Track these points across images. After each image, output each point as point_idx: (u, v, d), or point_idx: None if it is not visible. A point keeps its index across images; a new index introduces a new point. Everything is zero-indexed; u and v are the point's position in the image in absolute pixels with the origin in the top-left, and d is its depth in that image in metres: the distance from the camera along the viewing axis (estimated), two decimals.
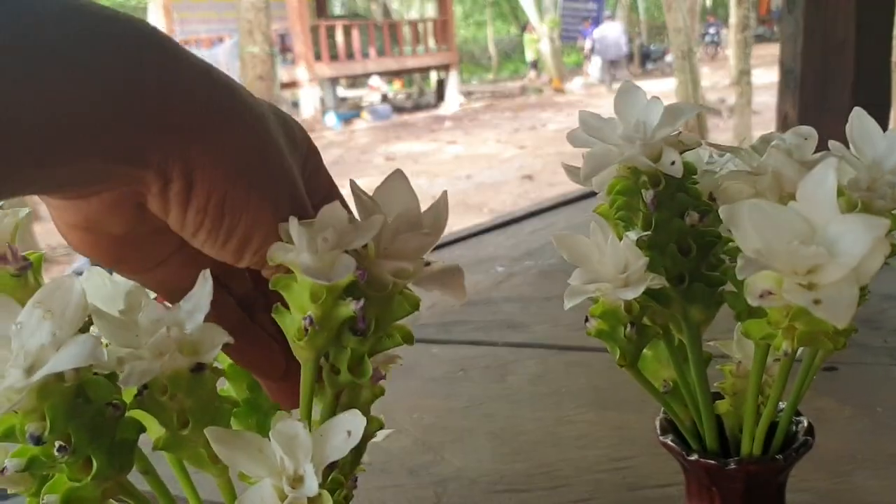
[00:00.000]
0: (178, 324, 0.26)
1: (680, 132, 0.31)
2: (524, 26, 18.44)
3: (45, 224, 6.83)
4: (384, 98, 15.20)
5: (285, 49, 11.45)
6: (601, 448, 0.73)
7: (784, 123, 1.59)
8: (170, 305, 0.26)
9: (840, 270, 0.22)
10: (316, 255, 0.25)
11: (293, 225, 0.25)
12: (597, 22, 16.04)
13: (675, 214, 0.31)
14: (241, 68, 7.98)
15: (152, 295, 0.29)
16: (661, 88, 13.98)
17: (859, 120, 0.31)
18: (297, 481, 0.25)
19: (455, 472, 0.71)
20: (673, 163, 0.29)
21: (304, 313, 0.26)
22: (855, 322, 0.36)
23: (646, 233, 0.31)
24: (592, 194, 1.21)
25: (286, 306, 0.27)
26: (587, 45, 15.91)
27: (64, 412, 0.24)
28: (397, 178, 0.29)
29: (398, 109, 14.13)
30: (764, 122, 8.17)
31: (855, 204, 0.30)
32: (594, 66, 15.75)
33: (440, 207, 0.28)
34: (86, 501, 0.26)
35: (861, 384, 0.79)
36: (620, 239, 0.32)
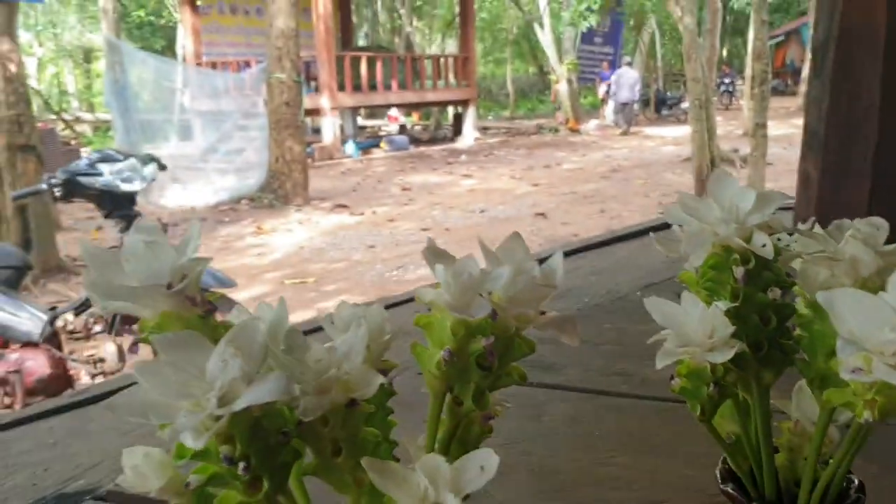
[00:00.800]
0: (337, 364, 0.30)
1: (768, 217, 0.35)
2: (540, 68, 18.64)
3: (66, 234, 6.91)
4: (402, 129, 15.36)
5: (310, 77, 11.60)
6: (636, 490, 0.76)
7: (805, 183, 1.63)
8: None
9: None
10: (456, 294, 0.29)
11: (439, 269, 0.29)
12: (614, 65, 16.22)
13: (759, 289, 0.35)
14: (268, 93, 8.09)
15: None
16: (675, 134, 14.09)
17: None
18: None
19: None
20: (764, 245, 0.33)
21: (442, 347, 0.30)
22: None
23: (733, 304, 0.35)
24: (614, 240, 1.26)
25: None
26: (603, 87, 16.07)
27: (248, 437, 0.28)
28: (516, 239, 0.33)
29: (415, 141, 14.27)
30: (776, 173, 8.23)
31: None
32: (610, 108, 15.89)
33: (555, 265, 0.32)
34: None
35: (887, 442, 0.82)
36: (706, 305, 0.36)
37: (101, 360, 2.84)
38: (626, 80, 15.03)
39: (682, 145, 11.68)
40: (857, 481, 0.43)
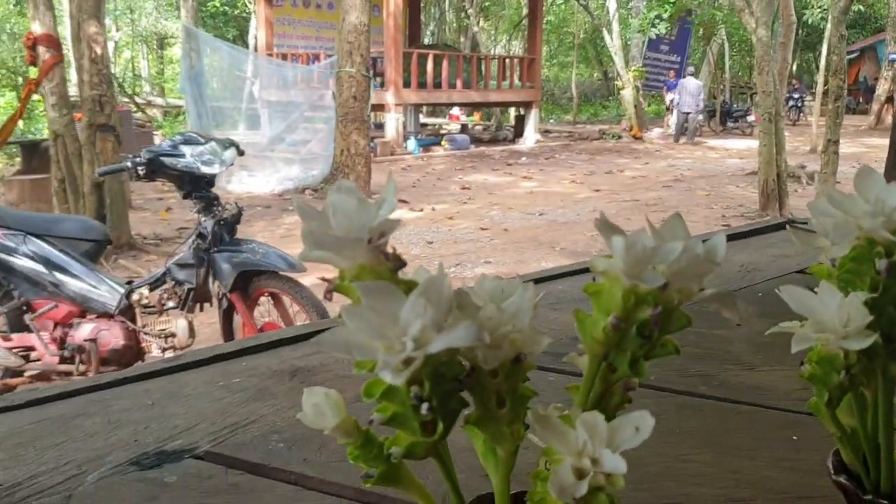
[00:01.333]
0: (508, 322, 0.33)
1: None
2: (605, 73, 18.48)
3: (136, 213, 7.13)
4: (463, 128, 15.41)
5: (376, 73, 11.74)
6: (718, 488, 0.77)
7: None
8: None
9: None
10: (630, 264, 0.31)
11: (615, 240, 0.31)
12: (680, 74, 16.01)
13: None
14: (337, 87, 8.21)
15: None
16: (740, 147, 13.84)
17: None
18: (594, 462, 0.31)
19: None
20: None
21: (608, 314, 0.32)
22: None
23: (873, 295, 0.37)
24: None
25: None
26: (669, 96, 15.89)
27: (433, 381, 0.30)
28: (677, 219, 0.35)
29: (475, 140, 14.31)
30: (845, 192, 8.02)
31: None
32: (674, 117, 15.71)
33: (718, 243, 0.34)
34: (416, 456, 0.33)
35: None
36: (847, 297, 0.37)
37: (172, 335, 2.94)
38: (690, 90, 14.88)
39: (747, 158, 11.47)
40: None
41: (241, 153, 3.13)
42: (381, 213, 0.32)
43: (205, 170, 2.90)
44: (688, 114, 15.00)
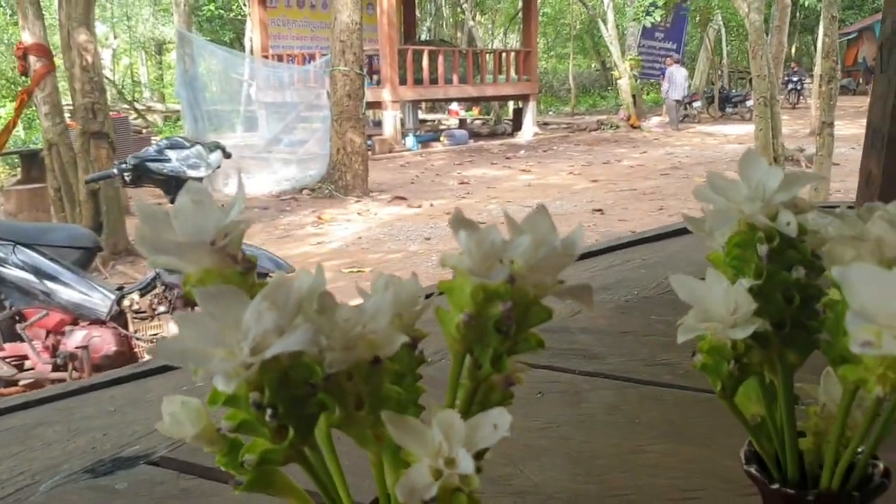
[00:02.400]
0: (364, 324, 0.32)
1: (796, 196, 0.35)
2: (602, 64, 18.44)
3: (134, 219, 7.12)
4: (462, 123, 15.39)
5: (372, 71, 11.72)
6: (672, 478, 0.76)
7: (867, 181, 1.59)
8: None
9: None
10: (477, 260, 0.30)
11: (462, 236, 0.30)
12: (679, 62, 15.95)
13: (783, 268, 0.35)
14: (332, 85, 8.21)
15: None
16: (739, 132, 13.80)
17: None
18: (450, 463, 0.30)
19: (533, 486, 0.75)
20: (788, 223, 0.34)
21: (462, 311, 0.31)
22: None
23: (757, 282, 0.35)
24: (666, 235, 1.25)
25: None
26: (665, 84, 15.87)
27: (276, 386, 0.29)
28: (541, 212, 0.34)
29: (475, 135, 14.28)
30: (843, 173, 7.99)
31: None
32: (679, 106, 15.68)
33: (575, 236, 0.33)
34: (273, 462, 0.32)
35: None
36: (732, 284, 0.36)
37: (164, 339, 2.94)
38: (678, 78, 14.91)
39: (746, 143, 11.42)
40: (882, 466, 0.43)
41: (227, 156, 3.12)
42: (229, 214, 0.31)
43: (191, 173, 2.89)
44: (677, 101, 15.03)
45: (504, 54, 14.77)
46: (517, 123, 14.67)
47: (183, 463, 0.85)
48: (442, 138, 13.33)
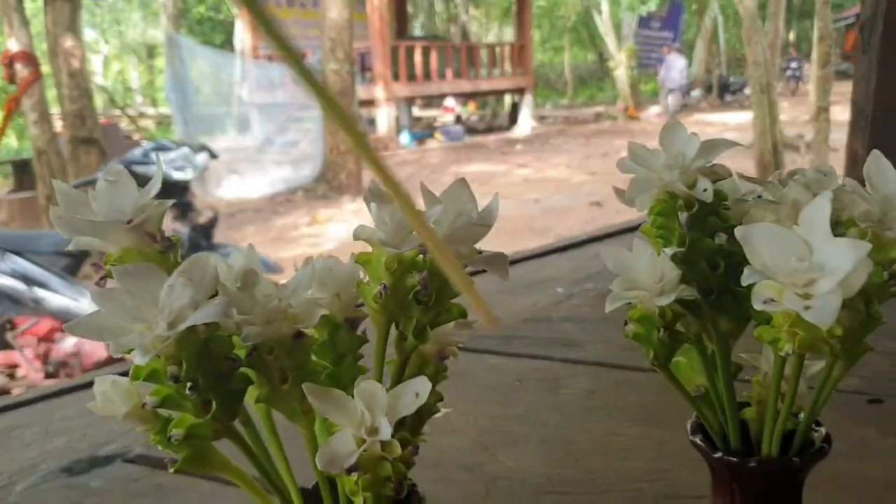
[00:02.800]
0: (283, 298, 0.32)
1: (713, 164, 0.35)
2: (599, 55, 18.44)
3: None
4: (458, 119, 15.38)
5: (365, 68, 11.71)
6: (644, 460, 0.76)
7: (853, 161, 1.60)
8: None
9: (829, 284, 0.27)
10: (389, 231, 0.31)
11: (374, 208, 0.31)
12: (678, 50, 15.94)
13: (706, 235, 0.36)
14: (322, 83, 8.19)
15: None
16: (738, 121, 13.78)
17: (876, 161, 0.36)
18: (373, 432, 0.31)
19: (506, 471, 0.76)
20: (705, 190, 0.34)
21: (379, 283, 0.32)
22: (869, 343, 0.41)
23: (679, 249, 0.36)
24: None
25: None
26: (661, 73, 15.87)
27: (195, 360, 0.30)
28: (460, 184, 0.35)
29: (471, 131, 14.27)
30: (840, 158, 7.97)
31: (865, 233, 0.35)
32: (676, 95, 15.66)
33: (492, 206, 0.33)
34: (201, 438, 0.32)
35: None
36: (660, 254, 0.37)
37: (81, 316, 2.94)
38: (675, 68, 14.92)
39: (745, 132, 11.41)
40: (824, 431, 0.43)
41: (214, 157, 3.13)
42: (147, 193, 0.32)
43: (177, 176, 2.90)
44: (672, 90, 15.03)
45: (498, 48, 14.75)
46: (514, 117, 14.66)
47: (157, 459, 0.86)
48: (437, 135, 13.32)
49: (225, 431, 0.33)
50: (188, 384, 0.30)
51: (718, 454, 0.43)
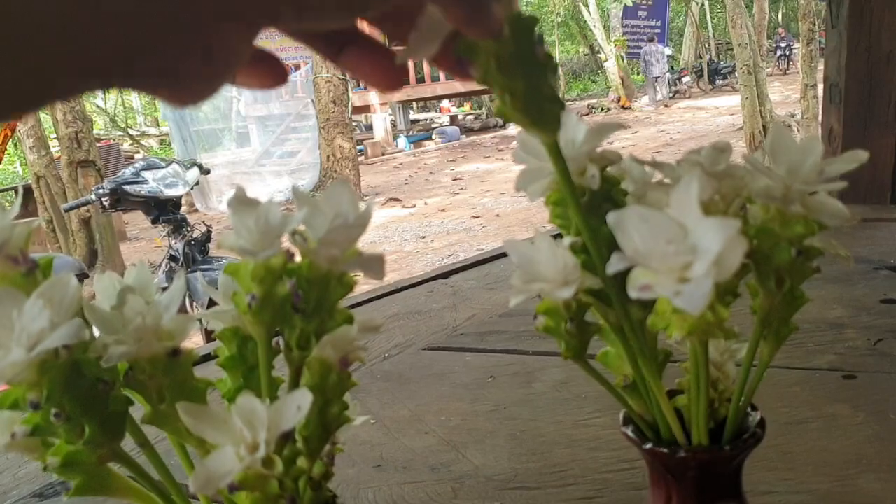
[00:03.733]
0: (155, 315, 0.31)
1: (604, 149, 0.34)
2: (590, 48, 18.39)
3: (130, 244, 7.15)
4: (453, 120, 15.37)
5: None
6: (611, 450, 0.75)
7: (830, 137, 1.58)
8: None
9: (702, 266, 0.26)
10: (255, 238, 0.29)
11: (235, 216, 0.30)
12: (662, 39, 15.90)
13: (602, 222, 0.35)
14: (316, 93, 8.21)
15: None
16: (730, 104, 13.73)
17: (777, 132, 0.35)
18: (255, 449, 0.30)
19: (473, 469, 0.74)
20: (592, 176, 0.33)
21: (248, 293, 0.31)
22: (795, 323, 0.39)
23: (576, 238, 0.35)
24: None
25: None
26: (642, 64, 15.85)
27: (60, 385, 0.29)
28: (340, 185, 0.33)
29: (467, 130, 14.26)
30: None
31: (767, 210, 0.34)
32: (662, 82, 15.61)
33: (368, 207, 0.32)
34: (83, 465, 0.31)
35: (878, 392, 0.79)
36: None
37: None
38: (656, 55, 14.92)
39: (737, 114, 11.38)
40: (758, 416, 0.42)
41: (205, 172, 3.12)
42: (6, 218, 0.31)
43: (168, 192, 2.89)
44: (657, 78, 15.03)
45: None
46: None
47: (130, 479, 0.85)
48: (434, 136, 13.32)
49: (111, 455, 0.32)
50: (52, 411, 0.29)
51: (649, 445, 0.42)
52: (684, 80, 17.06)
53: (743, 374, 0.40)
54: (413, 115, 15.77)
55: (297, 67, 11.45)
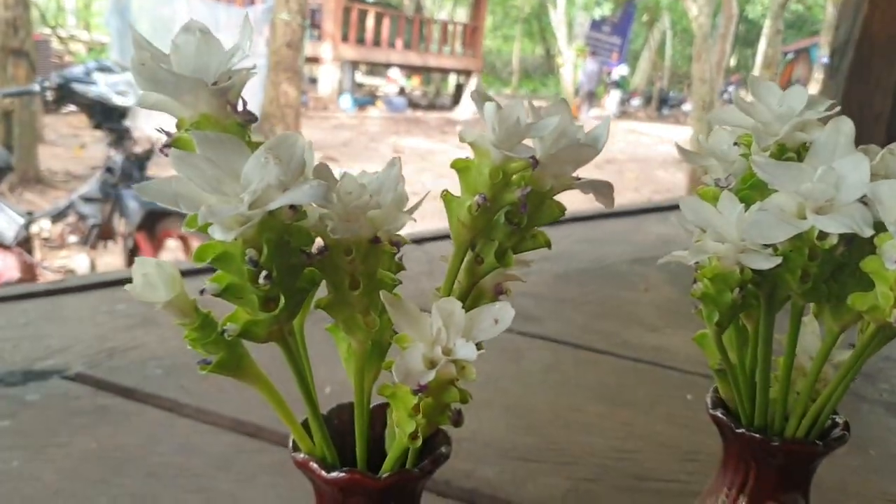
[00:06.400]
0: (367, 196, 0.29)
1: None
2: (547, 51, 18.53)
3: (48, 148, 6.79)
4: (401, 91, 15.24)
5: (314, 25, 11.44)
6: (608, 439, 0.76)
7: None
8: None
9: None
10: (501, 137, 0.28)
11: (487, 109, 0.28)
12: (622, 57, 16.19)
13: None
14: (272, 33, 7.98)
15: None
16: (672, 135, 14.12)
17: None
18: (447, 352, 0.28)
19: (470, 433, 0.74)
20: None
21: (475, 194, 0.29)
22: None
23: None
24: (602, 215, 1.26)
25: None
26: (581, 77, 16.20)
27: (275, 247, 0.27)
28: (562, 104, 0.32)
29: (413, 105, 14.16)
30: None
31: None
32: (612, 98, 15.92)
33: (601, 130, 0.31)
34: (255, 337, 0.29)
35: (857, 429, 0.83)
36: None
37: (72, 271, 2.81)
38: (591, 71, 15.41)
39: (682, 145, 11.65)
40: (843, 420, 0.43)
41: None
42: (233, 58, 0.28)
43: (118, 101, 2.76)
44: (590, 91, 15.55)
45: (451, 26, 14.66)
46: (457, 98, 14.61)
47: (101, 381, 0.81)
48: (379, 103, 13.17)
49: (278, 334, 0.30)
50: (263, 272, 0.27)
51: (741, 430, 0.42)
52: (633, 102, 17.43)
53: (841, 378, 0.41)
54: (359, 78, 15.55)
55: (253, 1, 11.11)
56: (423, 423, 0.30)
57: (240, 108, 0.28)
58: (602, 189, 0.30)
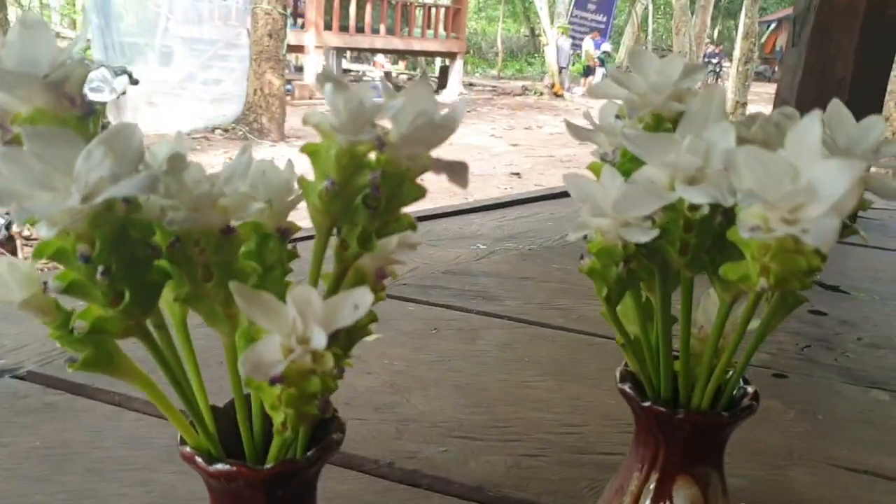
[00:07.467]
0: (217, 186, 0.29)
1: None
2: (532, 30, 18.45)
3: None
4: (387, 76, 15.17)
5: (297, 13, 11.36)
6: (555, 413, 0.76)
7: None
8: None
9: (822, 206, 0.26)
10: (345, 119, 0.28)
11: (328, 90, 0.28)
12: (605, 35, 16.14)
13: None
14: (253, 23, 7.93)
15: None
16: None
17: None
18: (304, 342, 0.28)
19: (418, 414, 0.74)
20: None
21: (326, 178, 0.29)
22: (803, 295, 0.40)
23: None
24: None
25: None
26: (595, 54, 16.10)
27: (110, 242, 0.26)
28: (422, 85, 0.32)
29: (399, 89, 14.07)
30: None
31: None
32: (598, 76, 15.86)
33: (456, 108, 0.31)
34: (110, 333, 0.29)
35: (807, 393, 0.83)
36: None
37: None
38: (565, 48, 15.44)
39: None
40: (752, 390, 0.43)
41: (134, 82, 2.97)
42: (70, 50, 0.28)
43: (92, 96, 2.73)
44: (563, 68, 15.54)
45: (434, 9, 14.57)
46: (442, 81, 14.55)
47: (51, 378, 0.81)
48: None
49: (136, 329, 0.29)
50: (100, 268, 0.26)
51: (647, 403, 0.42)
52: None
53: (752, 344, 0.41)
54: (345, 65, 15.47)
55: None
56: (291, 414, 0.30)
57: (78, 101, 0.27)
58: (457, 169, 0.30)
